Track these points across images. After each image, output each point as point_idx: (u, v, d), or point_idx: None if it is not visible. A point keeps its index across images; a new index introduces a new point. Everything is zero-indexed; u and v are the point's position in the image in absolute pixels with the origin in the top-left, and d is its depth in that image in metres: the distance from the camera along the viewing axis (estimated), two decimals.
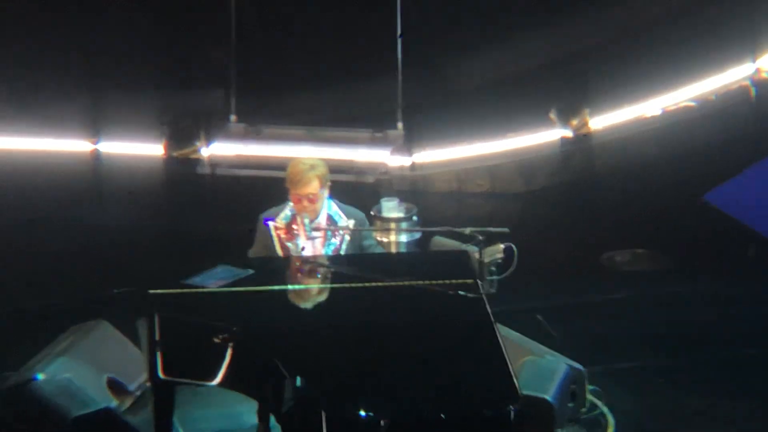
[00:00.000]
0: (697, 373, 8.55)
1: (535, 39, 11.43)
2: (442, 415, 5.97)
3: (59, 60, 11.60)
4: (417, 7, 11.39)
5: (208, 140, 11.65)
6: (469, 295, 6.78)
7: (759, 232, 9.98)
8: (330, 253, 7.45)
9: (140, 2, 11.72)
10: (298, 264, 7.38)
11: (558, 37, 11.41)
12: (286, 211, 7.47)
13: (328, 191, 7.44)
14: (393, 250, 9.06)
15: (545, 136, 11.42)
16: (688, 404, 8.16)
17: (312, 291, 7.12)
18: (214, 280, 6.89)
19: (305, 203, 7.33)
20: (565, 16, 11.38)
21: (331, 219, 7.45)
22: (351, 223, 7.49)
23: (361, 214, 7.61)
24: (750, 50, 11.12)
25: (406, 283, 6.97)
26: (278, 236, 7.46)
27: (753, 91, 11.11)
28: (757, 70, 11.12)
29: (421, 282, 6.95)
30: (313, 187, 7.32)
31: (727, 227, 10.11)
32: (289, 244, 7.45)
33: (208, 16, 11.66)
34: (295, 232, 7.42)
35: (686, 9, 11.15)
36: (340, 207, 7.51)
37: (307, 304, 6.97)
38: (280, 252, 7.46)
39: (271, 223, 7.47)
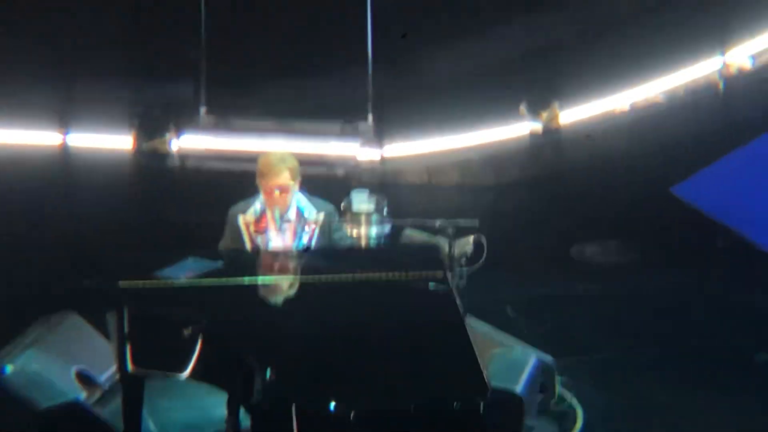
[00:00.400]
0: (666, 365, 8.59)
1: (505, 32, 11.45)
2: (411, 408, 5.98)
3: (27, 50, 11.52)
4: None
5: (178, 132, 11.61)
6: (439, 287, 6.79)
7: (726, 225, 10.04)
8: (300, 246, 7.45)
9: None
10: (267, 257, 7.38)
11: (528, 31, 11.43)
12: (256, 205, 7.46)
13: (298, 185, 7.43)
14: (363, 243, 9.06)
15: (515, 129, 11.44)
16: (656, 396, 8.20)
17: (282, 284, 7.11)
18: (184, 272, 6.88)
19: (276, 195, 7.33)
20: (535, 9, 11.40)
21: (300, 212, 7.45)
22: (320, 215, 7.49)
23: (331, 206, 7.61)
24: (718, 44, 11.16)
25: (376, 275, 6.97)
26: (247, 230, 7.45)
27: (721, 85, 11.16)
28: (725, 64, 11.16)
29: (390, 274, 6.95)
30: (284, 178, 7.32)
31: (695, 220, 10.16)
32: (258, 239, 7.45)
33: (178, 6, 11.60)
34: (264, 225, 7.42)
35: (655, 3, 11.18)
36: (309, 199, 7.51)
37: (277, 297, 6.96)
38: (249, 246, 7.46)
39: (240, 216, 7.47)
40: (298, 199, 7.45)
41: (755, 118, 10.67)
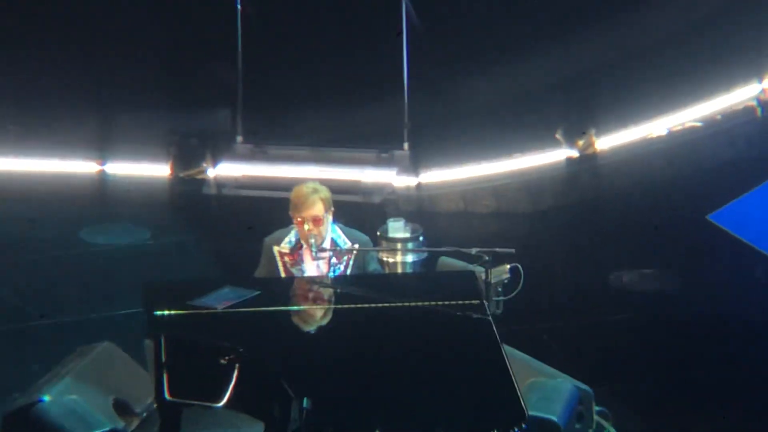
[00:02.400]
0: (704, 394, 8.53)
1: (541, 59, 11.44)
2: None
3: (66, 81, 11.62)
4: (423, 28, 11.40)
5: (215, 161, 11.66)
6: (476, 315, 6.77)
7: (765, 253, 9.96)
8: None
9: (147, 22, 11.74)
10: (304, 285, 7.38)
11: (564, 58, 11.43)
12: (291, 236, 7.48)
13: (332, 216, 7.44)
14: (399, 270, 9.06)
15: (551, 156, 11.42)
16: (694, 426, 8.13)
17: (318, 312, 7.11)
18: (221, 300, 6.89)
19: (310, 226, 7.34)
20: (571, 36, 11.40)
21: (334, 243, 7.45)
22: (355, 247, 7.50)
23: (365, 237, 7.61)
24: (756, 70, 11.12)
25: (413, 303, 6.96)
26: (282, 261, 7.47)
27: (759, 111, 11.11)
28: (763, 90, 11.12)
29: (427, 303, 6.94)
30: (317, 209, 7.33)
31: (733, 248, 10.10)
32: (293, 270, 7.46)
33: (214, 36, 11.68)
34: (299, 256, 7.44)
35: (692, 29, 11.16)
36: (343, 231, 7.51)
37: (314, 325, 6.96)
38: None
39: (275, 248, 7.48)
40: (333, 230, 7.46)
41: None
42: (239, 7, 11.56)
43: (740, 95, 11.20)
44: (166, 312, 6.79)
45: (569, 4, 11.37)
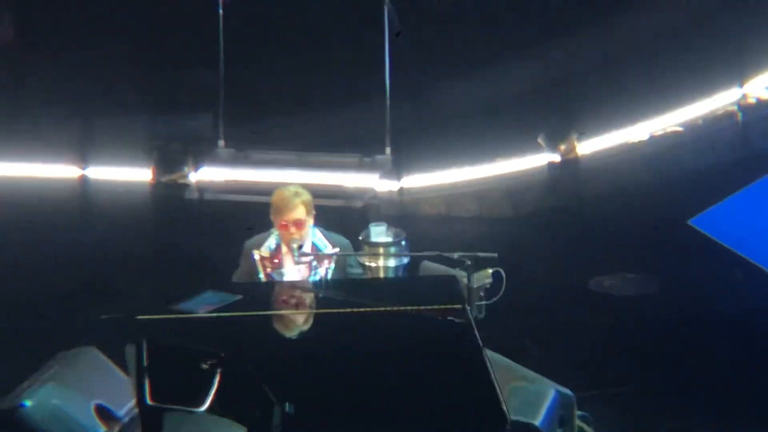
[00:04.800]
0: (686, 398, 8.55)
1: (523, 63, 11.46)
2: None
3: (48, 84, 11.59)
4: (404, 33, 11.40)
5: (197, 165, 11.64)
6: (458, 320, 6.77)
7: (745, 257, 10.00)
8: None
9: (128, 27, 11.72)
10: (285, 290, 7.37)
11: (546, 62, 11.44)
12: (271, 241, 7.47)
13: (313, 219, 7.44)
14: (381, 275, 9.05)
15: (533, 160, 11.43)
16: (676, 429, 8.15)
17: (300, 316, 7.11)
18: (202, 305, 6.88)
19: (292, 230, 7.33)
20: (553, 40, 11.41)
21: (315, 247, 7.45)
22: (336, 251, 7.49)
23: (346, 241, 7.61)
24: (737, 75, 11.15)
25: (395, 308, 6.96)
26: (263, 265, 7.46)
27: (740, 116, 11.15)
28: (744, 95, 11.15)
29: (409, 307, 6.94)
30: (299, 212, 7.34)
31: (713, 252, 10.13)
32: (274, 274, 7.45)
33: (196, 41, 11.66)
34: (280, 260, 7.43)
35: (674, 34, 11.19)
36: (324, 235, 7.51)
37: (295, 330, 6.96)
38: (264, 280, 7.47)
39: (255, 252, 7.47)
40: (313, 234, 7.45)
41: None
42: (221, 12, 11.55)
43: (721, 100, 11.23)
44: (148, 317, 6.78)
45: (551, 9, 11.39)
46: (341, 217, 9.17)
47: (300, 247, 7.37)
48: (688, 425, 8.21)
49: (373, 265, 8.98)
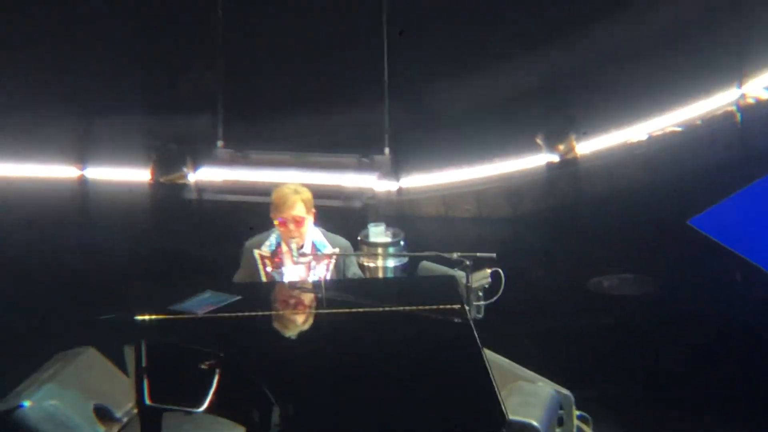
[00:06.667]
0: (685, 398, 8.55)
1: (522, 64, 11.46)
2: None
3: (47, 85, 11.58)
4: (403, 34, 11.41)
5: (195, 166, 11.64)
6: (457, 320, 6.78)
7: (745, 257, 10.00)
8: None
9: (128, 27, 11.72)
10: (285, 290, 7.38)
11: (545, 62, 11.44)
12: (272, 240, 7.47)
13: (313, 218, 7.44)
14: (380, 275, 9.06)
15: (532, 160, 11.44)
16: (676, 429, 8.15)
17: (299, 317, 7.11)
18: (202, 305, 6.88)
19: (291, 227, 7.34)
20: (552, 41, 11.41)
21: (315, 247, 7.45)
22: (336, 251, 7.50)
23: (346, 242, 7.62)
24: (735, 76, 11.15)
25: (394, 308, 6.96)
26: (263, 264, 7.46)
27: (738, 117, 11.15)
28: (743, 96, 11.15)
29: (408, 307, 6.95)
30: (299, 209, 7.34)
31: (713, 252, 10.13)
32: (274, 274, 7.45)
33: (195, 41, 11.66)
34: (280, 259, 7.43)
35: (672, 35, 11.19)
36: (325, 235, 7.52)
37: (295, 330, 6.96)
38: (264, 280, 7.47)
39: (256, 251, 7.48)
40: (313, 234, 7.46)
41: None
42: (221, 12, 11.56)
43: (720, 100, 11.22)
44: (147, 317, 6.78)
45: (550, 10, 11.39)
46: (340, 217, 9.17)
47: (300, 247, 7.37)
48: (687, 425, 8.21)
49: (371, 265, 9.02)
